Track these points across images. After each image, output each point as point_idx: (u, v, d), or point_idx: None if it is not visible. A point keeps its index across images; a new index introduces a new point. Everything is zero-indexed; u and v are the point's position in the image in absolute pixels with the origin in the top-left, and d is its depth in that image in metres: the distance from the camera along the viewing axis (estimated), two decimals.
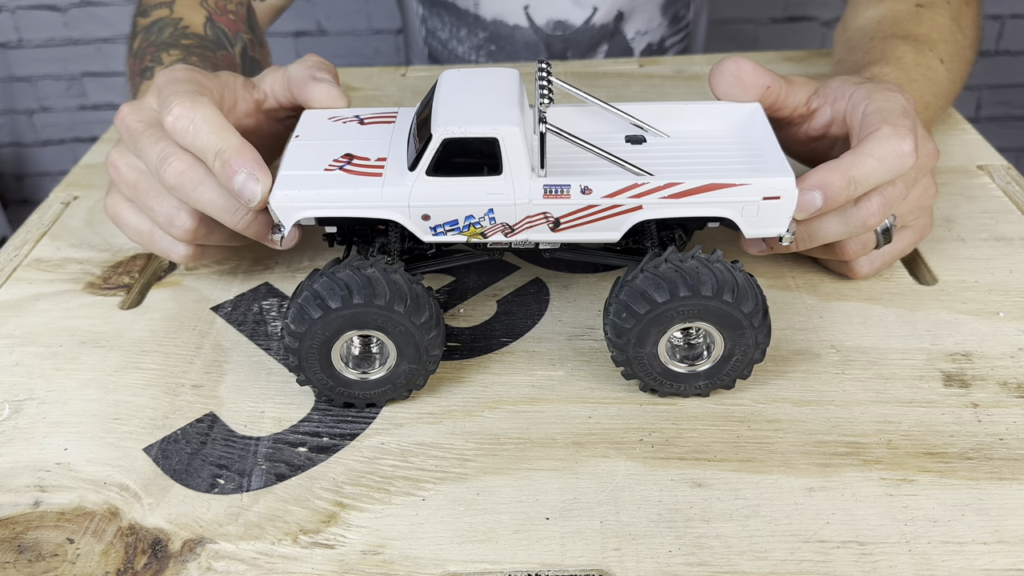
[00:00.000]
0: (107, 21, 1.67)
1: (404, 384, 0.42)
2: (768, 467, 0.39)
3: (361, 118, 0.47)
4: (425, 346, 0.41)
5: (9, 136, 1.82)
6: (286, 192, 0.42)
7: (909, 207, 0.49)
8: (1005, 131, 1.78)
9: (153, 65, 0.62)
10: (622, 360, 0.42)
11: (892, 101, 0.45)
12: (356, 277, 0.39)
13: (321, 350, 0.41)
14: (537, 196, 0.41)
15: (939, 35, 0.63)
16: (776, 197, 0.41)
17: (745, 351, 0.41)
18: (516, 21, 0.89)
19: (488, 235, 0.42)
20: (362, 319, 0.40)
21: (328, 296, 0.39)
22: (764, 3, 1.63)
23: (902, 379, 0.44)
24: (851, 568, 0.35)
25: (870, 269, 0.50)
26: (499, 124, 0.40)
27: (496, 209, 0.41)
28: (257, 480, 0.40)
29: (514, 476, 0.39)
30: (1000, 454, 0.40)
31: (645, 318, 0.40)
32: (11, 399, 0.45)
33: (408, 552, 0.36)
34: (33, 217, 0.61)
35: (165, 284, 0.53)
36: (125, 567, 0.36)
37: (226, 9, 0.70)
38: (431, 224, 0.42)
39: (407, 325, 0.40)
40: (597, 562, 0.35)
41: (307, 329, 0.40)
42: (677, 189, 0.41)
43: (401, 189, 0.41)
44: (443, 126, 0.40)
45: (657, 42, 0.93)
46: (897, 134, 0.43)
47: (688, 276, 0.39)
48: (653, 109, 0.47)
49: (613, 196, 0.41)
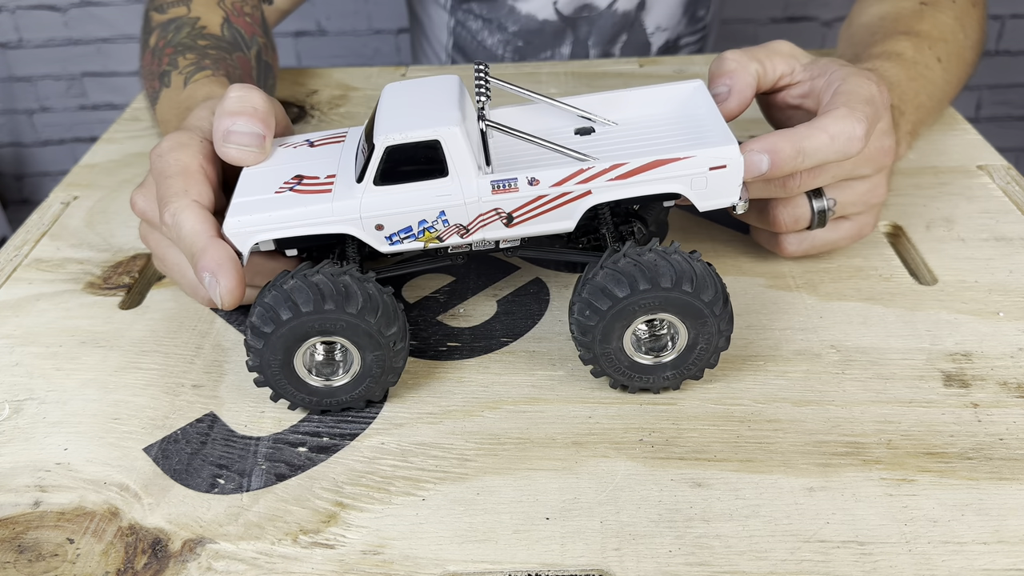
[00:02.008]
0: (107, 21, 1.67)
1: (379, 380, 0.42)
2: (768, 467, 0.39)
3: (311, 141, 0.47)
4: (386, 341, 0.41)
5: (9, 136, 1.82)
6: (238, 218, 0.42)
7: (853, 199, 0.49)
8: (1005, 131, 1.78)
9: (170, 70, 0.62)
10: (589, 358, 0.42)
11: (862, 88, 0.46)
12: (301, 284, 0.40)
13: (284, 361, 0.41)
14: (486, 193, 0.41)
15: (940, 33, 0.63)
16: (722, 166, 0.41)
17: (709, 339, 0.42)
18: (546, 16, 0.90)
19: (444, 238, 0.42)
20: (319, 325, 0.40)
21: (278, 307, 0.40)
22: (764, 3, 1.63)
23: (902, 379, 0.44)
24: (851, 568, 0.35)
25: (798, 248, 0.51)
26: (439, 126, 0.40)
27: (448, 211, 0.41)
28: (257, 480, 0.40)
29: (514, 476, 0.39)
30: (1000, 454, 0.40)
31: (608, 313, 0.40)
32: (11, 399, 0.45)
33: (408, 552, 0.36)
34: (33, 217, 0.61)
35: (165, 284, 0.53)
36: (125, 567, 0.36)
37: (243, 11, 0.70)
38: (386, 234, 0.42)
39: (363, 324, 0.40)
40: (597, 562, 0.35)
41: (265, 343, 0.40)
42: (623, 170, 0.41)
43: (351, 202, 0.41)
44: (384, 134, 0.40)
45: (674, 39, 0.94)
46: (852, 116, 0.43)
47: (647, 269, 0.40)
48: (599, 99, 0.47)
49: (561, 184, 0.41)
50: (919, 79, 0.59)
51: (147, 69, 0.65)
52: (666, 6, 0.91)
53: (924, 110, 0.59)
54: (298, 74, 0.82)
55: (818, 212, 0.48)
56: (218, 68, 0.62)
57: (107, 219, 0.60)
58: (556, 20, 0.91)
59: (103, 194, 0.63)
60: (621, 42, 0.93)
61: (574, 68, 0.81)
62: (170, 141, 0.46)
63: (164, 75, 0.62)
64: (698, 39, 0.96)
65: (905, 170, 0.62)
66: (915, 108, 0.58)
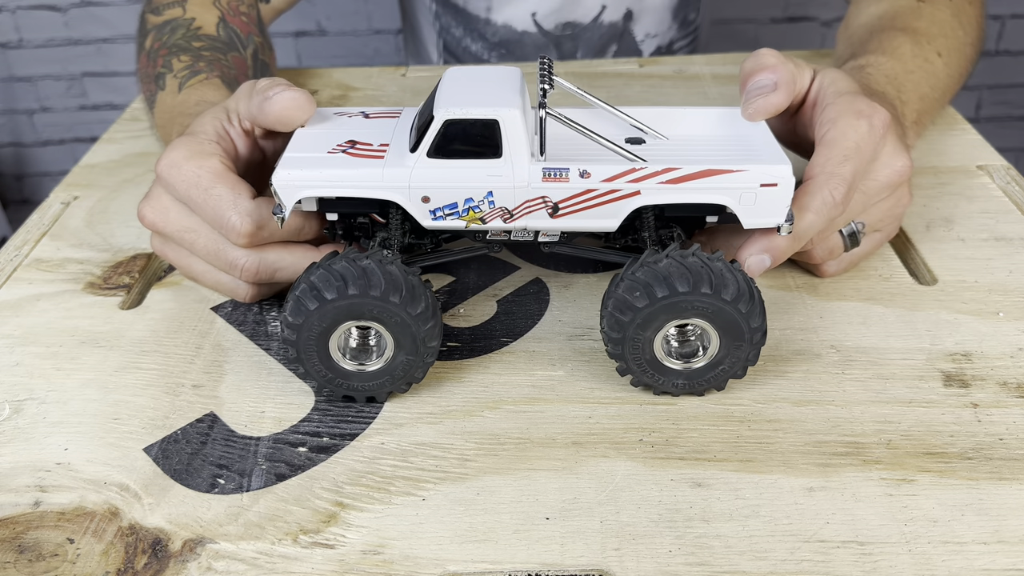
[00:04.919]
0: (107, 21, 1.67)
1: (402, 376, 0.42)
2: (768, 467, 0.39)
3: (367, 113, 0.48)
4: (422, 337, 0.41)
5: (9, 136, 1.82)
6: (288, 171, 0.42)
7: (880, 215, 0.49)
8: (1005, 131, 1.78)
9: (164, 71, 0.62)
10: (617, 339, 0.42)
11: (847, 136, 0.45)
12: (352, 268, 0.40)
13: (319, 341, 0.41)
14: (536, 179, 0.41)
15: (938, 30, 0.63)
16: (773, 184, 0.41)
17: (732, 364, 0.42)
18: (524, 27, 0.89)
19: (487, 220, 0.43)
20: (358, 310, 0.40)
21: (324, 287, 0.39)
22: (764, 3, 1.63)
23: (902, 379, 0.44)
24: (851, 568, 0.35)
25: (837, 269, 0.51)
26: (500, 107, 0.40)
27: (495, 192, 0.42)
28: (257, 480, 0.40)
29: (514, 476, 0.39)
30: (1000, 454, 0.40)
31: (660, 302, 0.40)
32: (11, 399, 0.45)
33: (408, 552, 0.36)
34: (33, 217, 0.61)
35: (165, 284, 0.53)
36: (125, 567, 0.36)
37: (239, 10, 0.70)
38: (431, 207, 0.42)
39: (403, 316, 0.40)
40: (597, 562, 0.35)
41: (304, 321, 0.40)
42: (675, 175, 0.41)
43: (402, 170, 0.42)
44: (445, 108, 0.41)
45: (666, 45, 0.94)
46: (828, 186, 0.44)
47: (714, 276, 0.39)
48: (652, 112, 0.47)
49: (611, 180, 0.41)
50: (919, 71, 0.59)
51: (143, 72, 0.65)
52: (655, 13, 0.90)
53: (928, 100, 0.59)
54: (298, 74, 0.83)
55: (849, 236, 0.48)
56: (212, 70, 0.61)
57: (107, 219, 0.60)
58: (536, 33, 0.89)
59: (103, 194, 0.63)
60: (611, 52, 0.92)
61: (574, 68, 0.81)
62: (182, 150, 0.46)
63: (159, 77, 0.62)
64: (690, 41, 0.96)
65: None
66: (918, 98, 0.57)
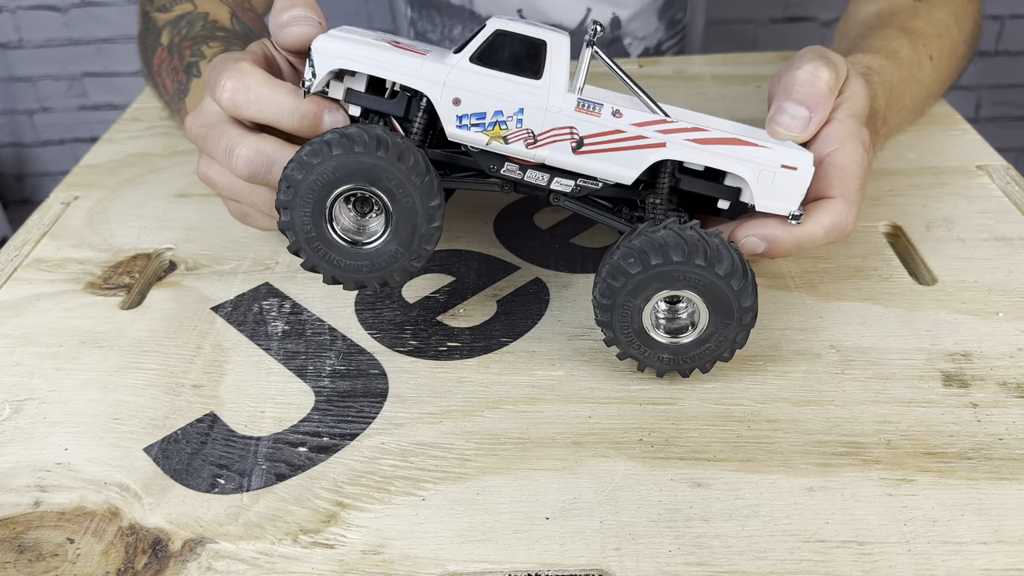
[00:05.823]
0: (107, 21, 1.67)
1: (387, 265, 0.41)
2: (768, 467, 0.39)
3: (398, 42, 0.47)
4: (424, 214, 0.40)
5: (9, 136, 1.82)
6: (330, 39, 0.42)
7: None
8: (1005, 131, 1.78)
9: (196, 60, 0.62)
10: (607, 305, 0.42)
11: (854, 161, 0.45)
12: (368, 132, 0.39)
13: (320, 196, 0.40)
14: (569, 108, 0.42)
15: (934, 30, 0.63)
16: (793, 168, 0.42)
17: (719, 344, 0.42)
18: None
19: (510, 140, 0.42)
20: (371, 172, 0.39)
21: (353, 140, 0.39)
22: (764, 3, 1.64)
23: (902, 379, 0.44)
24: (851, 568, 0.35)
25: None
26: (550, 32, 0.42)
27: (526, 111, 0.42)
28: (257, 480, 0.40)
29: (514, 476, 0.40)
30: (1000, 454, 0.40)
31: (653, 269, 0.40)
32: (11, 399, 0.45)
33: (408, 552, 0.36)
34: (33, 217, 0.61)
35: (165, 284, 0.53)
36: (125, 567, 0.36)
37: (244, 7, 0.70)
38: (459, 112, 0.42)
39: (407, 185, 0.39)
40: (597, 562, 0.36)
41: (321, 161, 0.39)
42: (702, 135, 0.42)
43: (442, 67, 0.42)
44: (499, 20, 0.41)
45: (654, 47, 0.93)
46: (846, 208, 0.44)
47: (710, 249, 0.40)
48: (689, 114, 0.47)
49: (641, 126, 0.42)
50: (909, 80, 0.59)
51: (166, 66, 0.65)
52: (640, 17, 0.90)
53: (905, 112, 0.60)
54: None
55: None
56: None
57: (107, 219, 0.60)
58: None
59: (103, 194, 0.63)
60: None
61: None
62: (220, 56, 0.47)
63: (191, 67, 0.62)
64: (678, 41, 0.96)
65: (905, 170, 0.62)
66: (897, 111, 0.59)
